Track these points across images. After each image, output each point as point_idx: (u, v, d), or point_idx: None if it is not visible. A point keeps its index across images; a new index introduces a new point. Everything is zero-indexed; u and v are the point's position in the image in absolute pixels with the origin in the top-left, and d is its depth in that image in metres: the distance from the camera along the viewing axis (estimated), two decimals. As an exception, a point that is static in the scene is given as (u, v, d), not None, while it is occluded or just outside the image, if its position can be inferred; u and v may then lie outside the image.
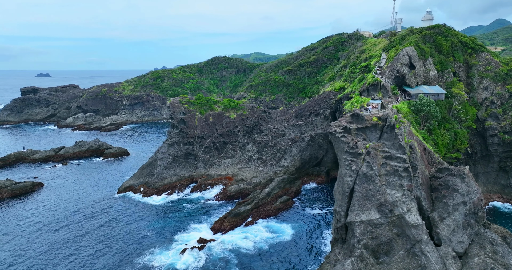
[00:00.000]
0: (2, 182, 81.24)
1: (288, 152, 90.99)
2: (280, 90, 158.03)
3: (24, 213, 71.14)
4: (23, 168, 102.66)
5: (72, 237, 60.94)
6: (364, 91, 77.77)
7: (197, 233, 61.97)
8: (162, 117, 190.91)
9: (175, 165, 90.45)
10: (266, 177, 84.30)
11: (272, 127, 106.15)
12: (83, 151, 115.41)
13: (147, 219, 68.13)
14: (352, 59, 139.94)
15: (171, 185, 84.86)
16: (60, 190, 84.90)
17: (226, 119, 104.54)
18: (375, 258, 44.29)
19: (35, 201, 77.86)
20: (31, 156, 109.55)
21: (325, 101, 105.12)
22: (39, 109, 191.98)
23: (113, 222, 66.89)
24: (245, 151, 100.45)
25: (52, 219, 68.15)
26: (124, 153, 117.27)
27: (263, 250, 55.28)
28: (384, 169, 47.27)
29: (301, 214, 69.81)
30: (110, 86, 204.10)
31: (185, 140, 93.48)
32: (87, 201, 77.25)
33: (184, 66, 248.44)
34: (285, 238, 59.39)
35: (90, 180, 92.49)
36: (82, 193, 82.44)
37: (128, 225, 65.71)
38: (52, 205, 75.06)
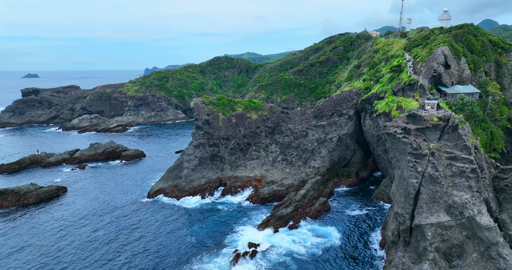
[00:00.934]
0: (26, 187, 78.44)
1: (317, 153, 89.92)
2: (292, 90, 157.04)
3: (54, 220, 68.60)
4: (41, 172, 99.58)
5: (112, 246, 58.68)
6: (399, 91, 77.18)
7: (242, 237, 60.47)
8: (168, 118, 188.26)
9: (202, 167, 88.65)
10: (298, 178, 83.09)
11: (292, 128, 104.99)
12: (99, 153, 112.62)
13: (187, 224, 66.26)
14: (366, 59, 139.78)
15: (201, 187, 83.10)
16: (85, 194, 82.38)
17: (248, 119, 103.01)
18: (447, 261, 43.47)
19: (62, 206, 75.26)
20: (46, 159, 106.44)
21: (347, 101, 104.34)
22: (41, 110, 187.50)
23: (152, 228, 64.81)
24: (268, 152, 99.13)
25: (85, 226, 65.73)
26: (141, 155, 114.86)
27: (318, 255, 54.02)
28: (449, 170, 46.50)
29: (341, 216, 68.78)
30: (114, 86, 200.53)
31: (211, 141, 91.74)
32: (118, 206, 74.95)
33: (187, 66, 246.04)
34: (335, 242, 58.24)
35: (113, 183, 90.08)
36: (110, 197, 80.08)
37: (168, 231, 63.74)
38: (82, 211, 72.60)
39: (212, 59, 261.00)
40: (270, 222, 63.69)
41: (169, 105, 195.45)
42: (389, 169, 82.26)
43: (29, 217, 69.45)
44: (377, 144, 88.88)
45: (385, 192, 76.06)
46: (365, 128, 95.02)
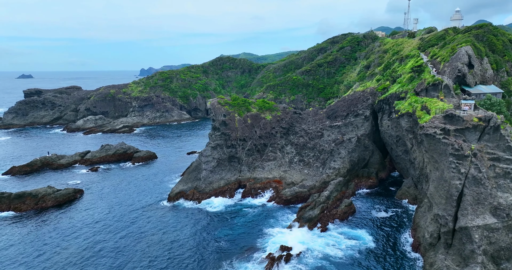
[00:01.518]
0: (44, 190, 76.78)
1: (336, 154, 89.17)
2: (300, 91, 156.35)
3: (76, 225, 67.07)
4: (53, 174, 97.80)
5: (138, 251, 57.34)
6: (422, 91, 76.67)
7: (272, 240, 59.47)
8: (173, 119, 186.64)
9: (220, 169, 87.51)
10: (319, 180, 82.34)
11: (306, 128, 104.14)
12: (110, 155, 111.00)
13: (212, 227, 65.13)
14: (376, 59, 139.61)
15: (221, 189, 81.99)
16: (103, 197, 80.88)
17: (263, 120, 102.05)
18: (496, 264, 42.82)
19: (82, 210, 73.72)
20: (57, 161, 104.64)
21: (362, 102, 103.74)
22: (44, 111, 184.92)
23: (177, 231, 63.53)
24: (284, 153, 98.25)
25: (108, 231, 64.11)
26: (153, 157, 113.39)
27: (355, 258, 53.13)
28: (492, 172, 45.92)
29: (368, 218, 68.03)
30: (118, 87, 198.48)
31: (228, 142, 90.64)
32: (138, 210, 73.54)
33: (190, 67, 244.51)
34: (369, 244, 57.44)
35: (130, 185, 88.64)
36: (129, 200, 78.66)
37: (195, 234, 62.57)
38: (102, 215, 71.03)
39: (214, 59, 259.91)
40: (300, 224, 62.76)
41: (174, 106, 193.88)
42: (411, 170, 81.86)
43: (50, 222, 67.85)
44: (397, 144, 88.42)
45: (409, 193, 75.50)
46: (382, 128, 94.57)
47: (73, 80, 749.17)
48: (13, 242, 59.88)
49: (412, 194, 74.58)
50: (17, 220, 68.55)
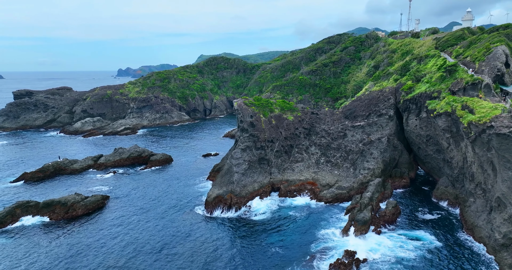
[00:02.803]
0: (73, 197, 72.12)
1: (368, 155, 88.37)
2: (307, 91, 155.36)
3: (116, 237, 63.13)
4: (69, 180, 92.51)
5: (194, 263, 54.42)
6: (459, 91, 76.75)
7: (331, 244, 57.83)
8: (173, 120, 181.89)
9: (251, 171, 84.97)
10: (357, 181, 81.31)
11: (327, 128, 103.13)
12: (124, 158, 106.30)
13: (262, 233, 62.68)
14: (385, 59, 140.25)
15: (256, 192, 79.56)
16: (133, 204, 76.86)
17: (285, 121, 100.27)
18: None
19: (116, 219, 69.56)
20: (70, 166, 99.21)
21: (383, 101, 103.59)
22: (37, 114, 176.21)
23: (226, 240, 60.72)
24: (309, 154, 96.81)
25: (153, 243, 60.47)
26: (169, 160, 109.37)
27: (428, 259, 52.06)
28: None
29: (416, 219, 67.34)
30: (114, 88, 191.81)
31: (258, 144, 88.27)
32: (175, 217, 69.97)
33: (184, 67, 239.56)
34: (435, 244, 56.65)
35: (156, 190, 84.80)
36: (162, 207, 75.00)
37: (246, 242, 59.95)
38: (140, 224, 67.15)
39: (208, 59, 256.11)
40: (356, 227, 61.23)
41: (173, 107, 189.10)
42: (445, 169, 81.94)
43: (88, 233, 63.52)
44: (426, 144, 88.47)
45: (448, 193, 75.27)
46: (408, 128, 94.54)
47: (47, 81, 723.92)
48: (61, 256, 55.54)
49: (452, 193, 74.42)
50: (51, 230, 63.82)
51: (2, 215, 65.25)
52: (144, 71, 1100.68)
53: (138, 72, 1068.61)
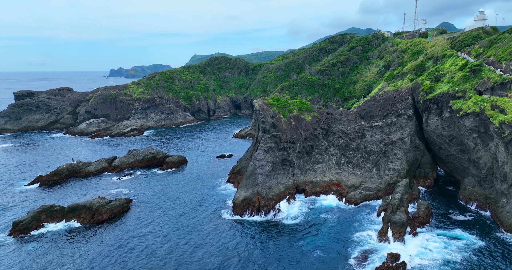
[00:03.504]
0: (97, 201, 70.07)
1: (392, 155, 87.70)
2: (316, 91, 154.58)
3: (145, 240, 61.44)
4: (85, 182, 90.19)
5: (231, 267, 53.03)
6: (487, 90, 76.46)
7: (369, 247, 56.88)
8: (179, 121, 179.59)
9: (275, 173, 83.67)
10: (384, 181, 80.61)
11: (343, 129, 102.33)
12: (139, 160, 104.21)
13: (297, 236, 61.46)
14: (396, 59, 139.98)
15: (282, 194, 78.27)
16: (157, 207, 75.03)
17: (304, 121, 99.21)
18: None
19: (143, 224, 67.71)
20: (85, 169, 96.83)
21: (400, 101, 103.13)
22: (39, 115, 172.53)
23: (261, 245, 59.38)
24: (329, 154, 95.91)
25: (181, 245, 59.08)
26: (184, 161, 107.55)
27: (477, 259, 51.30)
28: None
29: (451, 220, 66.66)
30: (118, 88, 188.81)
31: (280, 145, 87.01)
32: (203, 221, 68.48)
33: (186, 67, 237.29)
34: (478, 243, 56.13)
35: (178, 193, 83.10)
36: (188, 211, 73.35)
37: (282, 246, 58.68)
38: (166, 229, 65.53)
39: (210, 59, 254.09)
40: (393, 229, 60.31)
41: (178, 107, 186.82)
42: (470, 169, 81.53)
43: (119, 239, 61.60)
44: (449, 144, 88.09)
45: (478, 193, 74.72)
46: (429, 128, 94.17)
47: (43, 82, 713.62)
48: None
49: (481, 193, 74.00)
50: (79, 236, 61.74)
51: (27, 220, 62.99)
52: (137, 71, 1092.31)
53: (131, 72, 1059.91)
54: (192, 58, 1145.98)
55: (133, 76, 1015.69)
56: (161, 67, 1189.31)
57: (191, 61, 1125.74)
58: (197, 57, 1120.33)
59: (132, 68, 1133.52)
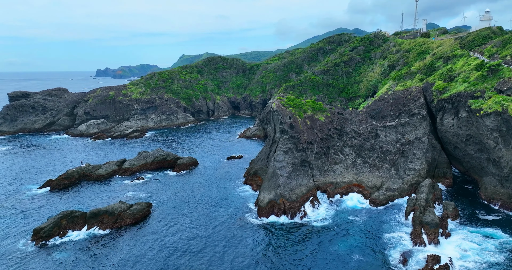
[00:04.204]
0: (118, 206, 67.69)
1: (410, 155, 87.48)
2: (320, 91, 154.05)
3: (173, 246, 59.48)
4: (98, 186, 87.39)
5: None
6: (508, 90, 76.79)
7: (404, 248, 56.22)
8: (179, 122, 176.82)
9: (295, 174, 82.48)
10: (406, 182, 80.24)
11: (356, 129, 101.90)
12: (149, 162, 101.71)
13: (329, 239, 60.39)
14: (401, 58, 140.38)
15: (305, 196, 77.05)
16: (178, 211, 72.97)
17: (318, 121, 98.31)
18: None
19: (166, 227, 65.70)
20: (95, 172, 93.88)
21: (413, 101, 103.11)
22: (35, 116, 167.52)
23: (292, 247, 58.22)
24: (344, 155, 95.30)
25: (212, 250, 57.46)
26: (195, 163, 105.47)
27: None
28: None
29: (480, 220, 66.47)
30: (116, 89, 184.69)
31: (299, 146, 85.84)
32: (228, 225, 66.71)
33: (183, 67, 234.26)
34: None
35: (196, 195, 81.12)
36: (211, 213, 71.55)
37: (316, 249, 57.56)
38: (194, 233, 63.73)
39: (206, 59, 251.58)
40: (426, 231, 59.75)
41: (178, 108, 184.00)
42: (490, 168, 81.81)
43: (147, 245, 59.45)
44: (466, 143, 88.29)
45: (500, 193, 74.91)
46: (443, 127, 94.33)
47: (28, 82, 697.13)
48: (123, 270, 51.43)
49: (504, 193, 74.16)
50: (106, 242, 59.35)
51: (48, 227, 60.26)
52: (124, 71, 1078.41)
53: (119, 72, 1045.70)
54: (180, 58, 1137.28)
55: (121, 76, 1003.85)
56: (148, 67, 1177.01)
57: (179, 61, 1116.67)
58: (185, 57, 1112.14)
59: (119, 68, 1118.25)
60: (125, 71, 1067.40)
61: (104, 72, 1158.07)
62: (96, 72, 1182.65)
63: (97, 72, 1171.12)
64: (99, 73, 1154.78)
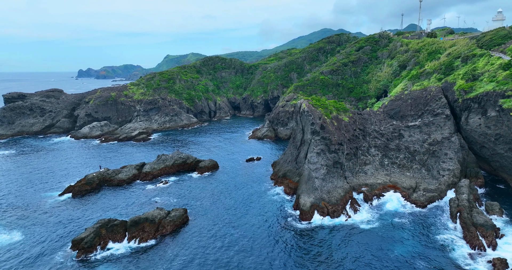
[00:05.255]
0: (157, 213, 64.21)
1: (442, 155, 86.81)
2: (330, 90, 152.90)
3: (225, 256, 56.67)
4: (122, 192, 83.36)
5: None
6: (543, 89, 76.94)
7: (462, 251, 55.01)
8: (183, 123, 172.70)
9: (330, 176, 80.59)
10: (443, 182, 79.40)
11: (377, 129, 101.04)
12: (169, 166, 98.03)
13: (385, 242, 58.69)
14: (412, 58, 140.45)
15: (344, 198, 75.24)
16: (217, 217, 69.93)
17: (343, 122, 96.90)
18: None
19: (210, 234, 62.73)
20: (115, 177, 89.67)
21: (434, 100, 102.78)
22: (33, 119, 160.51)
23: (354, 251, 56.38)
24: (370, 155, 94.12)
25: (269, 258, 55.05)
26: (216, 166, 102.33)
27: None
28: None
29: (524, 220, 66.21)
30: (117, 89, 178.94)
31: (332, 147, 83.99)
32: (274, 230, 64.36)
33: (182, 67, 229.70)
34: None
35: (231, 201, 78.14)
36: (251, 219, 68.82)
37: (375, 252, 55.79)
38: (242, 241, 61.06)
39: (205, 59, 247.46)
40: (482, 232, 58.68)
41: (181, 109, 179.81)
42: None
43: (198, 254, 56.35)
44: (495, 142, 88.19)
45: (538, 191, 75.10)
46: (468, 127, 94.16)
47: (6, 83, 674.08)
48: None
49: (542, 192, 74.36)
50: (158, 254, 55.90)
51: (89, 237, 56.35)
52: (108, 71, 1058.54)
53: (102, 73, 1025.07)
54: (165, 58, 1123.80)
55: (104, 77, 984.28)
56: (132, 67, 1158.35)
57: (164, 61, 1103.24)
58: (170, 57, 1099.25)
59: (102, 68, 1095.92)
60: (108, 72, 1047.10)
61: (87, 72, 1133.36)
62: (78, 73, 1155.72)
63: (79, 73, 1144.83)
64: (81, 74, 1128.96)
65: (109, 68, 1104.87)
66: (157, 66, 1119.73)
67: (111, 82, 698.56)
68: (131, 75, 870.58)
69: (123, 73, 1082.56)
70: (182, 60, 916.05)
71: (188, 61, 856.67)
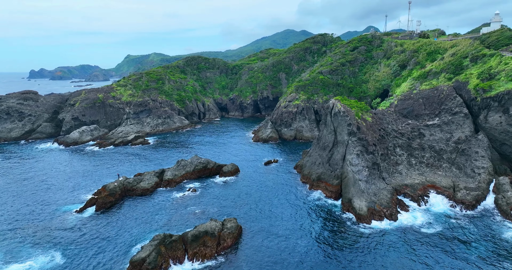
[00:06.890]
0: (214, 225, 58.68)
1: (473, 153, 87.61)
2: (330, 90, 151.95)
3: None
4: (151, 202, 76.32)
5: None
6: None
7: (545, 251, 54.79)
8: (176, 126, 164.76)
9: (372, 178, 78.66)
10: (482, 180, 79.82)
11: (396, 129, 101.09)
12: (190, 172, 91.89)
13: (454, 246, 57.36)
14: (413, 59, 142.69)
15: (392, 200, 73.46)
16: (269, 225, 65.54)
17: (368, 122, 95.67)
18: None
19: (272, 245, 58.40)
20: (137, 186, 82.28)
21: (450, 99, 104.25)
22: (11, 123, 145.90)
23: (430, 256, 54.47)
24: (397, 155, 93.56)
25: (345, 262, 51.98)
26: (237, 170, 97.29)
27: None
28: None
29: None
30: (103, 91, 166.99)
31: (369, 148, 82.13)
32: (335, 235, 61.25)
33: (165, 67, 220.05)
34: None
35: (272, 207, 73.81)
36: (304, 225, 65.13)
37: (448, 256, 54.23)
38: (313, 250, 57.35)
39: (187, 58, 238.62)
40: (550, 230, 59.01)
41: (173, 111, 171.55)
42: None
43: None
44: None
45: None
46: (488, 125, 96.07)
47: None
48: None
49: None
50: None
51: (152, 257, 49.96)
52: (64, 72, 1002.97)
53: (58, 73, 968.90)
54: (125, 58, 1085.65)
55: (61, 78, 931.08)
56: (89, 67, 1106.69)
57: (124, 61, 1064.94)
58: (131, 57, 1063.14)
59: (58, 69, 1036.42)
60: (64, 72, 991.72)
61: (39, 73, 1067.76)
62: (29, 73, 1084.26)
63: (31, 73, 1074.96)
64: (34, 75, 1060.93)
65: (65, 69, 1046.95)
66: (117, 66, 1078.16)
67: (70, 83, 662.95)
68: (91, 76, 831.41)
69: (80, 74, 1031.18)
70: (145, 61, 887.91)
71: (151, 61, 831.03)
